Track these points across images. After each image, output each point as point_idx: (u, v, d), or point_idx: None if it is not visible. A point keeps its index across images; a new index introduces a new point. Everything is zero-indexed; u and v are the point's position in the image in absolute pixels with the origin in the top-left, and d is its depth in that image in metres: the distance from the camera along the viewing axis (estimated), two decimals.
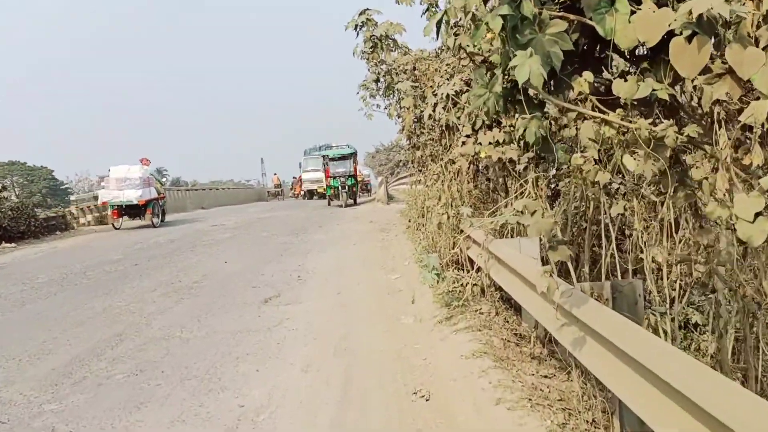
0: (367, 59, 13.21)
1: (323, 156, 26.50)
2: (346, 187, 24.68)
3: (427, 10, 10.59)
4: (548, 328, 4.15)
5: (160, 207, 21.05)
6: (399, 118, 13.65)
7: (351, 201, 25.10)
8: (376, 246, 11.96)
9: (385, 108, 15.18)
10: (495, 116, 3.68)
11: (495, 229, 6.50)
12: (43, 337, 6.39)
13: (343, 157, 25.50)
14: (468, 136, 7.52)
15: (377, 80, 13.92)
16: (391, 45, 11.47)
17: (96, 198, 24.08)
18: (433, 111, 8.19)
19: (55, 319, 7.20)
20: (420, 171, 13.28)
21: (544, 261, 5.83)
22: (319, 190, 33.11)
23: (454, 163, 8.06)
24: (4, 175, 66.95)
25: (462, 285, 6.70)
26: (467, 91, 7.87)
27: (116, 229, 19.98)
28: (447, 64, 8.57)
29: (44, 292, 8.88)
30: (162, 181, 24.60)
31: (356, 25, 11.24)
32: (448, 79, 8.17)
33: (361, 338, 5.94)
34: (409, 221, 13.64)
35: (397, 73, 12.29)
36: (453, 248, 7.39)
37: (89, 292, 8.70)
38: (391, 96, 14.34)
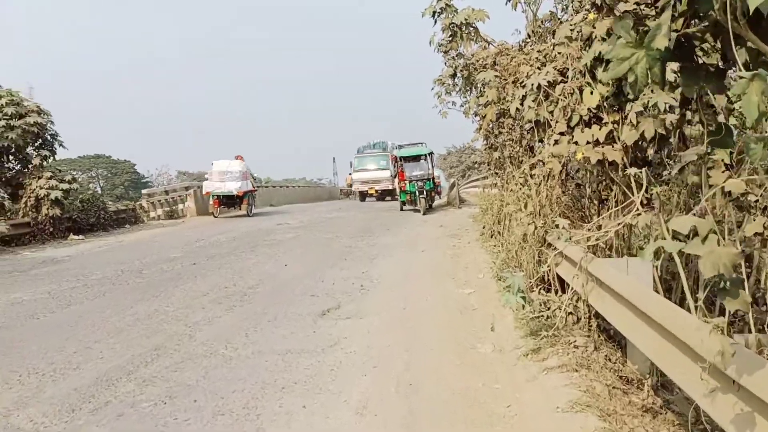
0: (444, 51, 12.20)
1: (396, 157, 23.41)
2: (424, 192, 21.17)
3: None
4: (685, 389, 3.05)
5: (253, 199, 22.62)
6: (476, 116, 12.53)
7: (428, 207, 21.87)
8: (446, 254, 10.95)
9: (461, 105, 14.13)
10: (647, 86, 2.63)
11: (590, 246, 5.40)
12: (75, 347, 5.77)
13: (419, 158, 22.27)
14: (562, 134, 6.40)
15: (454, 75, 12.84)
16: (472, 34, 10.36)
17: (167, 192, 24.42)
18: (521, 105, 7.10)
19: (94, 325, 6.61)
20: (496, 174, 12.13)
21: (656, 285, 4.69)
22: (370, 192, 31.72)
23: (542, 164, 6.95)
24: (90, 167, 70.11)
25: (551, 310, 5.63)
26: (561, 81, 6.75)
27: (215, 217, 21.26)
28: (538, 51, 7.46)
29: (94, 292, 8.41)
30: (255, 176, 25.88)
31: (434, 12, 10.25)
32: (539, 68, 7.07)
33: (428, 370, 4.96)
34: (483, 227, 12.53)
35: (476, 68, 11.16)
36: (539, 264, 6.30)
37: (138, 294, 8.15)
38: (469, 92, 13.26)
